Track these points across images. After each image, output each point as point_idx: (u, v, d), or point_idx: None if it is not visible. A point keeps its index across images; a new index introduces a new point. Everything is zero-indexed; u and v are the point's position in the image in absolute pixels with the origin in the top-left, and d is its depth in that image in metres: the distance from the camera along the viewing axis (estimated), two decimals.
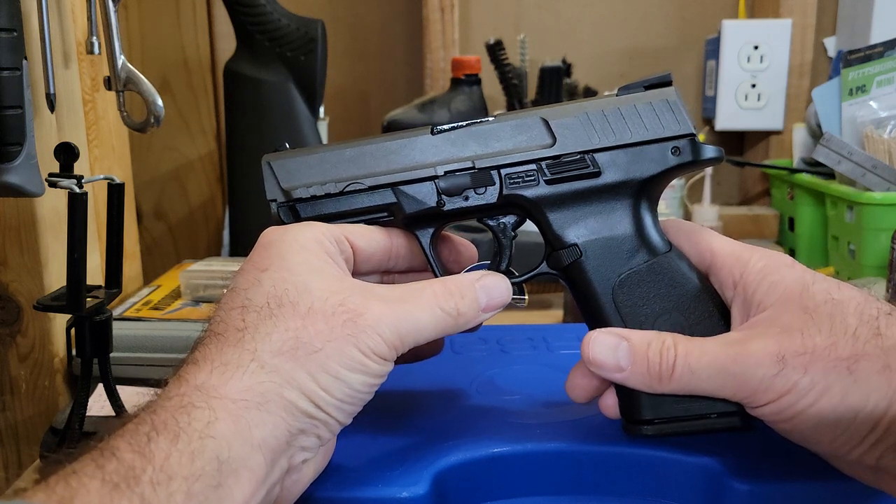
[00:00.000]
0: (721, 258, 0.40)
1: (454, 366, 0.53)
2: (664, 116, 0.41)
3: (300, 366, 0.34)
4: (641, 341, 0.38)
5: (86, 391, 0.52)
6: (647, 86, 0.42)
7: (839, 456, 0.36)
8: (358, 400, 0.36)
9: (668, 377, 0.37)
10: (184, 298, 0.72)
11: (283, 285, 0.36)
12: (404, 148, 0.42)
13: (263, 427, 0.32)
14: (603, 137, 0.41)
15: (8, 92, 0.49)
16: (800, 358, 0.34)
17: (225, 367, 0.33)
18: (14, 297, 0.61)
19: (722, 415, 0.38)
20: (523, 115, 0.42)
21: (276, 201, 0.42)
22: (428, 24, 1.13)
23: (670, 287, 0.40)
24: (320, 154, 0.42)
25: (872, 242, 0.85)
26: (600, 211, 0.41)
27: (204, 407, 0.31)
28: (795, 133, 1.06)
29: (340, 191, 0.42)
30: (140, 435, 0.30)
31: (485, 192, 0.42)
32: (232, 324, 0.35)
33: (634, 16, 1.22)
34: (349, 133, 1.24)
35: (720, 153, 0.42)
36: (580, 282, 0.41)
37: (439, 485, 0.39)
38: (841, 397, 0.34)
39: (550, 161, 0.41)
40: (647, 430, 0.39)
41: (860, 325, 0.35)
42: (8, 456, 0.65)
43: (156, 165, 1.11)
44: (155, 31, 1.08)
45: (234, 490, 0.30)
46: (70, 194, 0.49)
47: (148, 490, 0.28)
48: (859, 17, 1.11)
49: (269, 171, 0.42)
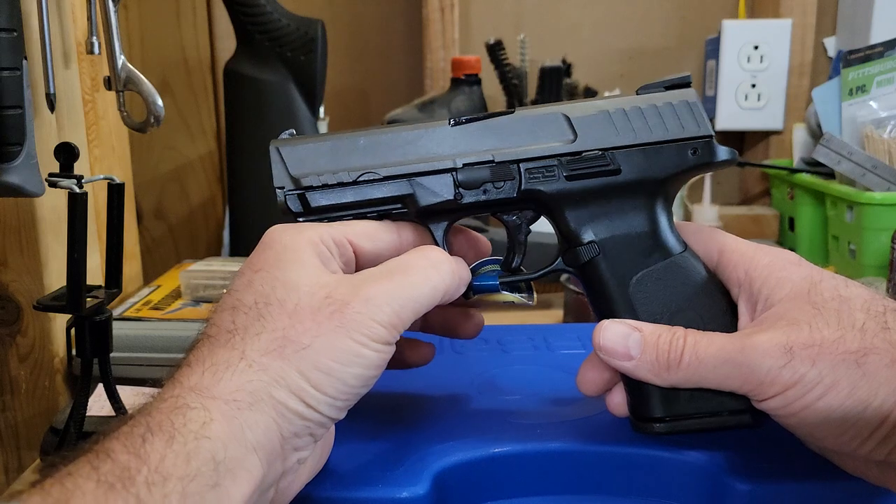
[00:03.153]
0: (727, 255, 0.40)
1: (455, 366, 0.53)
2: (684, 117, 0.41)
3: (289, 364, 0.33)
4: (653, 332, 0.38)
5: (86, 391, 0.52)
6: (667, 86, 0.42)
7: (846, 453, 0.36)
8: (352, 395, 0.35)
9: (676, 365, 0.37)
10: (184, 298, 0.72)
11: (272, 283, 0.35)
12: (421, 138, 0.41)
13: (256, 428, 0.32)
14: (623, 135, 0.41)
15: (8, 92, 0.49)
16: (807, 350, 0.34)
17: (216, 367, 0.33)
18: (14, 297, 0.61)
19: (733, 412, 0.38)
20: (544, 110, 0.42)
21: (284, 189, 0.41)
22: (428, 24, 1.13)
23: (686, 286, 0.40)
24: (332, 141, 0.41)
25: (872, 242, 0.85)
26: (618, 209, 0.41)
27: (199, 408, 0.31)
28: (795, 133, 1.06)
29: (354, 180, 0.41)
30: (135, 436, 0.30)
31: (503, 186, 0.41)
32: (223, 326, 0.35)
33: (634, 16, 1.22)
34: None
35: (734, 155, 0.42)
36: (597, 279, 0.41)
37: (439, 485, 0.39)
38: (849, 391, 0.34)
39: (571, 157, 0.41)
40: (658, 427, 0.39)
41: (868, 320, 0.35)
42: (8, 456, 0.65)
43: (156, 165, 1.11)
44: (155, 31, 1.08)
45: (232, 490, 0.30)
46: (70, 194, 0.49)
47: (143, 491, 0.28)
48: (859, 17, 1.11)
49: (277, 156, 0.41)
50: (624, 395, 0.41)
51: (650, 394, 0.39)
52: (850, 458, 0.37)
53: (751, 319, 0.39)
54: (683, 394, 0.38)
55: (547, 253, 0.44)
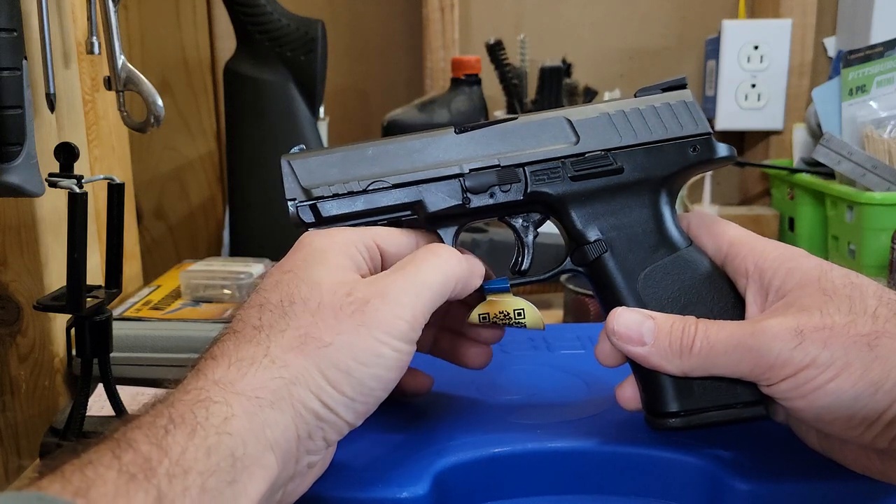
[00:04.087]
0: (736, 247, 0.41)
1: (454, 365, 0.53)
2: (682, 117, 0.43)
3: (310, 361, 0.34)
4: (665, 320, 0.39)
5: (86, 391, 0.52)
6: (664, 88, 0.44)
7: (850, 440, 0.36)
8: (371, 398, 0.35)
9: (689, 352, 0.38)
10: (184, 298, 0.72)
11: (297, 283, 0.36)
12: (428, 146, 0.43)
13: (276, 427, 0.32)
14: (625, 136, 0.43)
15: (8, 92, 0.49)
16: (819, 333, 0.35)
17: (241, 362, 0.34)
18: (14, 297, 0.61)
19: (747, 404, 0.38)
20: (546, 115, 0.43)
21: (296, 200, 0.42)
22: (428, 24, 1.13)
23: (693, 279, 0.41)
24: (342, 153, 0.43)
25: (872, 242, 0.85)
26: (623, 206, 0.42)
27: (221, 402, 0.32)
28: (795, 133, 1.06)
29: (364, 189, 0.42)
30: (157, 427, 0.30)
31: (510, 189, 0.42)
32: (249, 322, 0.36)
33: (634, 16, 1.22)
34: (349, 133, 1.23)
35: (733, 151, 0.44)
36: (605, 277, 0.42)
37: (439, 485, 0.39)
38: (861, 373, 0.34)
39: (575, 158, 0.43)
40: (673, 422, 0.39)
41: (880, 307, 0.35)
42: (8, 456, 0.65)
43: (156, 165, 1.11)
44: (155, 31, 1.08)
45: (249, 487, 0.30)
46: (70, 194, 0.49)
47: (164, 482, 0.28)
48: (859, 17, 1.11)
49: (289, 169, 0.42)
50: (635, 388, 0.41)
51: (664, 388, 0.39)
52: (853, 450, 0.37)
53: (760, 311, 0.39)
54: (697, 387, 0.39)
55: (551, 254, 0.45)
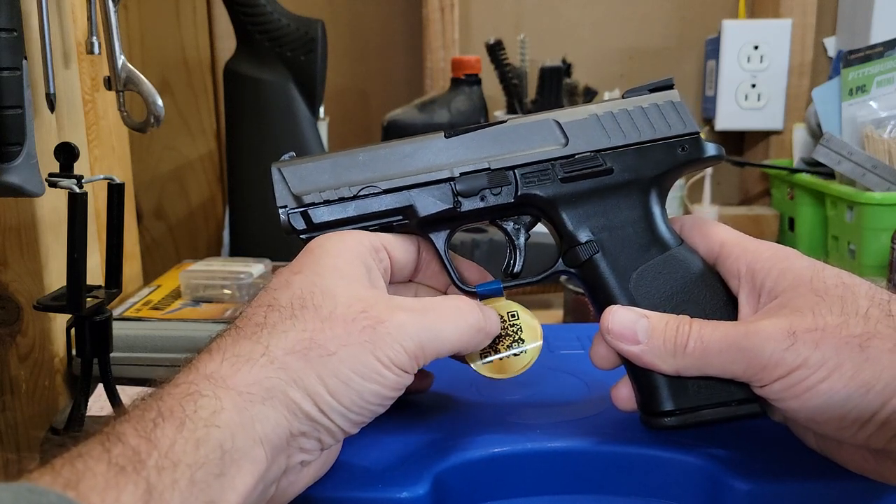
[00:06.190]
0: (728, 248, 0.41)
1: (454, 366, 0.53)
2: (670, 117, 0.43)
3: (310, 367, 0.34)
4: (660, 319, 0.39)
5: (86, 391, 0.52)
6: (651, 89, 0.44)
7: (844, 440, 0.36)
8: (367, 411, 0.35)
9: (682, 351, 0.38)
10: (184, 298, 0.72)
11: (310, 288, 0.36)
12: (418, 151, 0.42)
13: (266, 422, 0.32)
14: (614, 137, 0.43)
15: (8, 92, 0.49)
16: (811, 334, 0.35)
17: (236, 358, 0.34)
18: (14, 297, 0.61)
19: (741, 402, 0.38)
20: (535, 118, 0.43)
21: (287, 207, 0.42)
22: (428, 24, 1.13)
23: (685, 279, 0.41)
24: (332, 159, 0.42)
25: (872, 242, 0.85)
26: (613, 206, 0.42)
27: (210, 396, 0.32)
28: (795, 133, 1.06)
29: (355, 194, 0.42)
30: (146, 421, 0.30)
31: (501, 192, 0.42)
32: (254, 319, 0.36)
33: (634, 16, 1.22)
34: (349, 133, 1.24)
35: (721, 151, 0.44)
36: (597, 277, 0.42)
37: (439, 485, 0.39)
38: (853, 373, 0.34)
39: (564, 160, 0.42)
40: (668, 421, 0.39)
41: (872, 307, 0.35)
42: (8, 456, 0.65)
43: (156, 165, 1.11)
44: (155, 31, 1.08)
45: (237, 480, 0.31)
46: (70, 194, 0.49)
47: (153, 475, 0.28)
48: (859, 17, 1.11)
49: (279, 177, 0.42)
50: (630, 388, 0.41)
51: (658, 387, 0.39)
52: (848, 449, 0.37)
53: (752, 312, 0.39)
54: (691, 385, 0.39)
55: (549, 254, 0.44)
